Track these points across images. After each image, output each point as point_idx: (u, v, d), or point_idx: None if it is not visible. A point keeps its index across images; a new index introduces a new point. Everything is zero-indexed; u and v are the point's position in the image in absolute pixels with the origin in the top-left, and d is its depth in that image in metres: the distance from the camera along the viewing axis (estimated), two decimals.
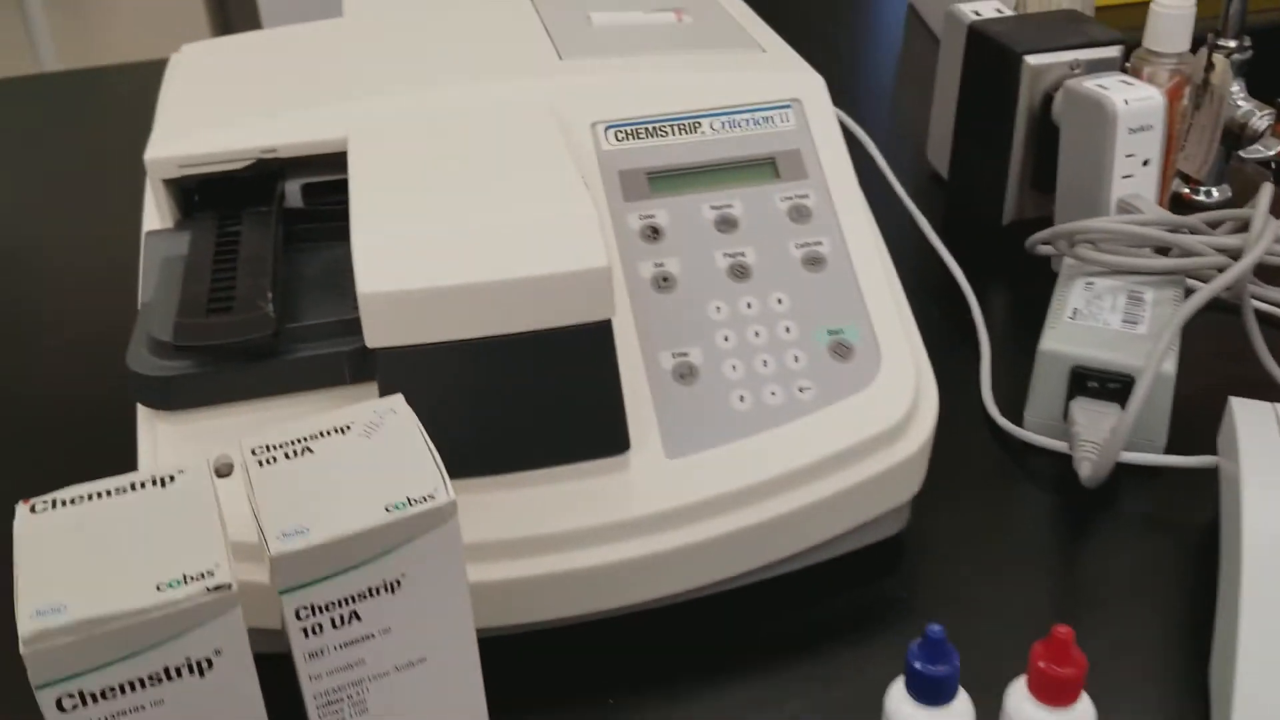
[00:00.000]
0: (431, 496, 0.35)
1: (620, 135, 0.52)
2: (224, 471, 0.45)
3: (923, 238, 0.73)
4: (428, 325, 0.43)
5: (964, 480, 0.58)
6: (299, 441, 0.37)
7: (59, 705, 0.31)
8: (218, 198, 0.53)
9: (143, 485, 0.35)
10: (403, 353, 0.43)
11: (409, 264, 0.43)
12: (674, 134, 0.52)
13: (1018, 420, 0.60)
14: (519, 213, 0.44)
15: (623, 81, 0.54)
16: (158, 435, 0.46)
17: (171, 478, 0.35)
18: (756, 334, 0.49)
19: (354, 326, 0.46)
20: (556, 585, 0.45)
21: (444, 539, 0.35)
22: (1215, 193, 0.79)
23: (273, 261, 0.49)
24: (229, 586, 0.32)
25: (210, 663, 0.33)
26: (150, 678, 0.32)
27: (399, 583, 0.35)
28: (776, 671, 0.48)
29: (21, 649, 0.30)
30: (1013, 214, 0.73)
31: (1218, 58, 0.75)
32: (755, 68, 0.55)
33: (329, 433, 0.38)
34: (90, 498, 0.35)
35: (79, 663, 0.31)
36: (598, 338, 0.44)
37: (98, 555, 0.33)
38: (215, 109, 0.54)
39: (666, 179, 0.52)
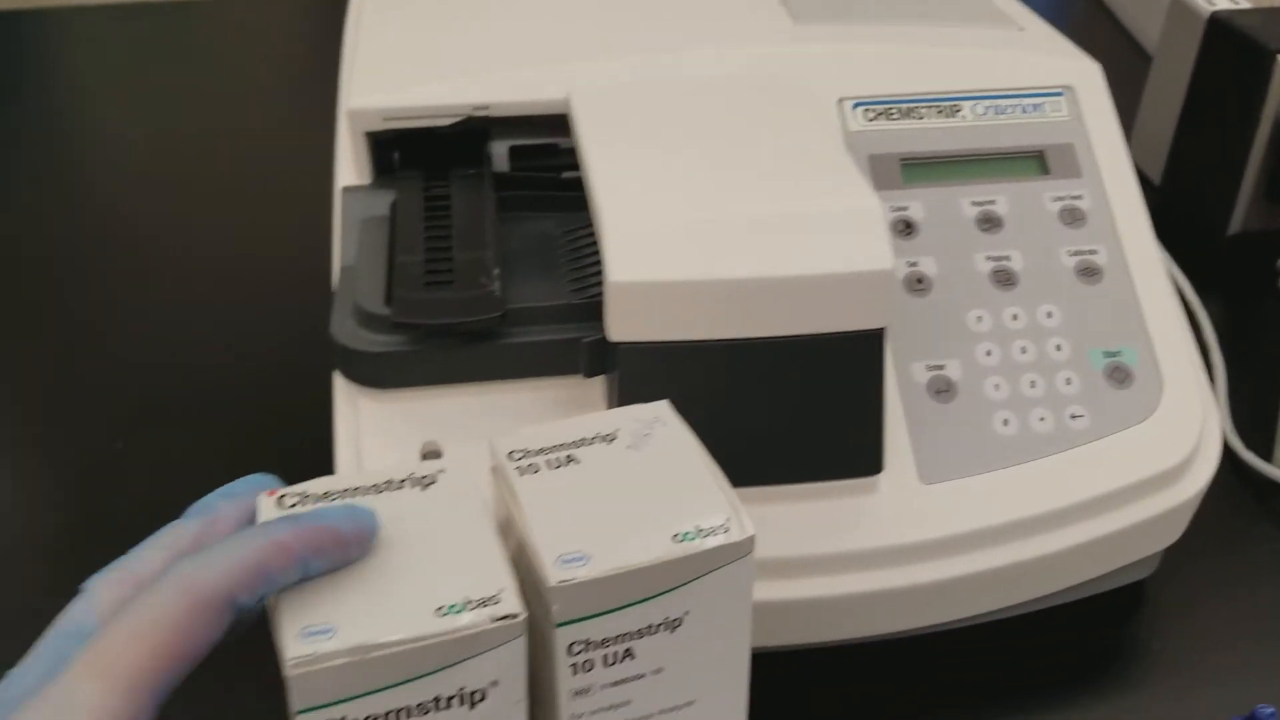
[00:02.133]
0: (725, 528, 0.30)
1: (871, 114, 0.47)
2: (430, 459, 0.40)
3: None
4: (680, 322, 0.38)
5: (1205, 520, 0.52)
6: (560, 448, 0.33)
7: None
8: (417, 156, 0.49)
9: (400, 484, 0.31)
10: (648, 349, 0.38)
11: (665, 253, 0.38)
12: (931, 116, 0.47)
13: (1265, 455, 0.54)
14: (790, 201, 0.39)
15: (872, 53, 0.48)
16: (359, 412, 0.42)
17: (432, 479, 0.31)
18: (1023, 350, 0.44)
19: (584, 312, 0.41)
20: (795, 612, 0.41)
21: (736, 577, 0.31)
22: None
23: (491, 233, 0.44)
24: (515, 616, 0.28)
25: (484, 695, 0.28)
26: (419, 706, 0.28)
27: (680, 621, 0.31)
28: (1018, 715, 0.44)
29: (287, 671, 0.26)
30: (1239, 225, 0.66)
31: None
32: (1020, 48, 0.49)
33: (592, 440, 0.33)
34: (343, 493, 0.30)
35: (345, 688, 0.27)
36: (868, 348, 0.39)
37: (366, 567, 0.29)
38: (421, 59, 0.49)
39: (922, 167, 0.46)
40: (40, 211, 0.74)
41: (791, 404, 0.39)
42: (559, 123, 0.46)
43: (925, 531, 0.41)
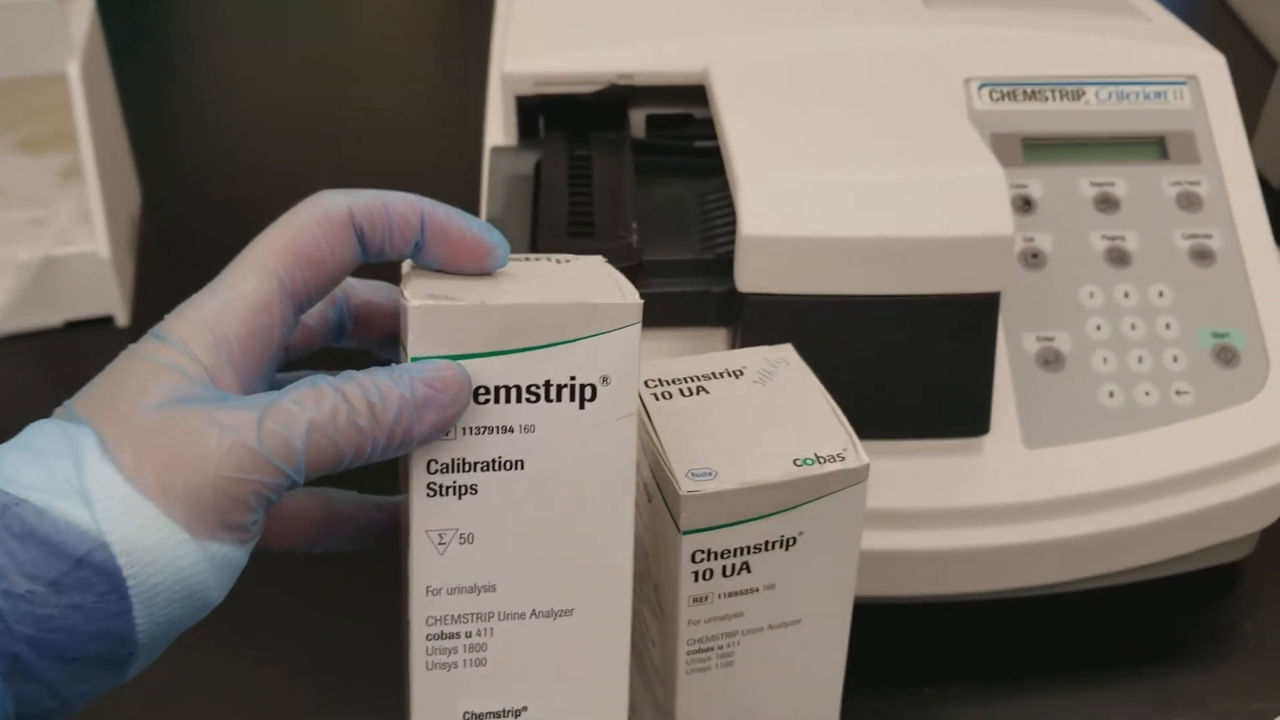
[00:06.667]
0: (841, 456, 0.33)
1: (996, 95, 0.49)
2: None
3: None
4: (806, 276, 0.41)
5: None
6: (693, 379, 0.36)
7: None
8: (561, 120, 0.52)
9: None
10: (774, 301, 0.41)
11: (795, 210, 0.40)
12: (1054, 99, 0.49)
13: None
14: (915, 167, 0.41)
15: (999, 36, 0.50)
16: None
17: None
18: (1133, 326, 0.45)
19: (712, 267, 0.44)
20: (896, 563, 0.43)
21: (849, 502, 0.33)
22: None
23: (629, 192, 0.47)
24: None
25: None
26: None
27: (795, 540, 0.34)
28: (1106, 687, 0.45)
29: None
30: None
31: None
32: (1146, 37, 0.51)
33: (722, 375, 0.36)
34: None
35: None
36: (984, 311, 0.41)
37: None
38: (570, 28, 0.53)
39: (1043, 148, 0.48)
40: (181, 158, 0.79)
41: (906, 361, 0.42)
42: (695, 93, 0.49)
43: (1026, 493, 0.43)
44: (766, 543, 0.33)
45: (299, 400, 0.27)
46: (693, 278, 0.44)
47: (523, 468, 0.30)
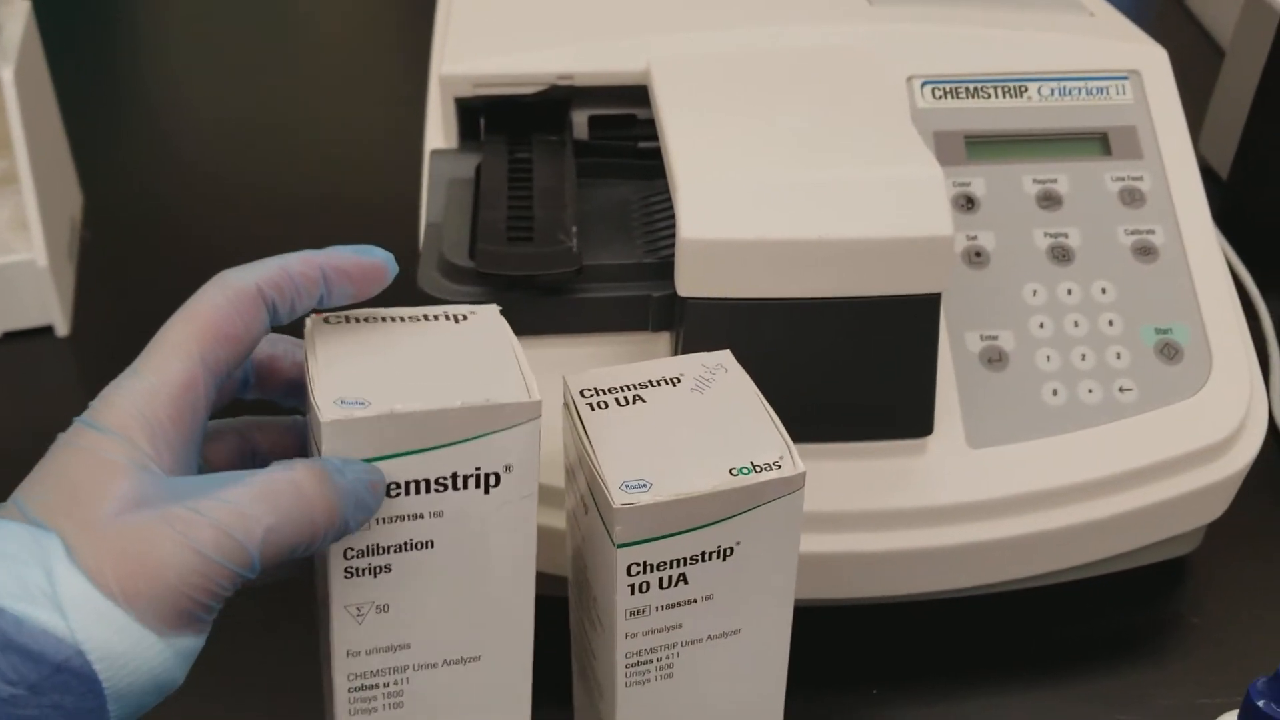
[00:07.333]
0: (778, 464, 0.33)
1: (939, 93, 0.49)
2: None
3: None
4: (747, 279, 0.40)
5: (1252, 502, 0.53)
6: (630, 388, 0.35)
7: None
8: (501, 122, 0.52)
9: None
10: (714, 305, 0.41)
11: (735, 213, 0.40)
12: (997, 96, 0.49)
13: None
14: (855, 168, 0.41)
15: (942, 34, 0.50)
16: None
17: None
18: (1076, 324, 0.45)
19: (654, 271, 0.44)
20: (843, 566, 0.43)
21: (786, 510, 0.33)
22: None
23: (570, 195, 0.47)
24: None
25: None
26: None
27: (732, 550, 0.33)
28: (1054, 684, 0.45)
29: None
30: None
31: None
32: (1088, 32, 0.51)
33: (658, 383, 0.36)
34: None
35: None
36: (924, 312, 0.41)
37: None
38: (509, 29, 0.52)
39: (986, 145, 0.48)
40: (125, 164, 0.78)
41: (847, 364, 0.41)
42: (637, 94, 0.49)
43: (970, 493, 0.43)
44: (703, 553, 0.33)
45: (257, 500, 0.28)
46: (633, 282, 0.44)
47: (432, 546, 0.32)
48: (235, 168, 0.79)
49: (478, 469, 0.31)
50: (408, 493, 0.31)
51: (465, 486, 0.31)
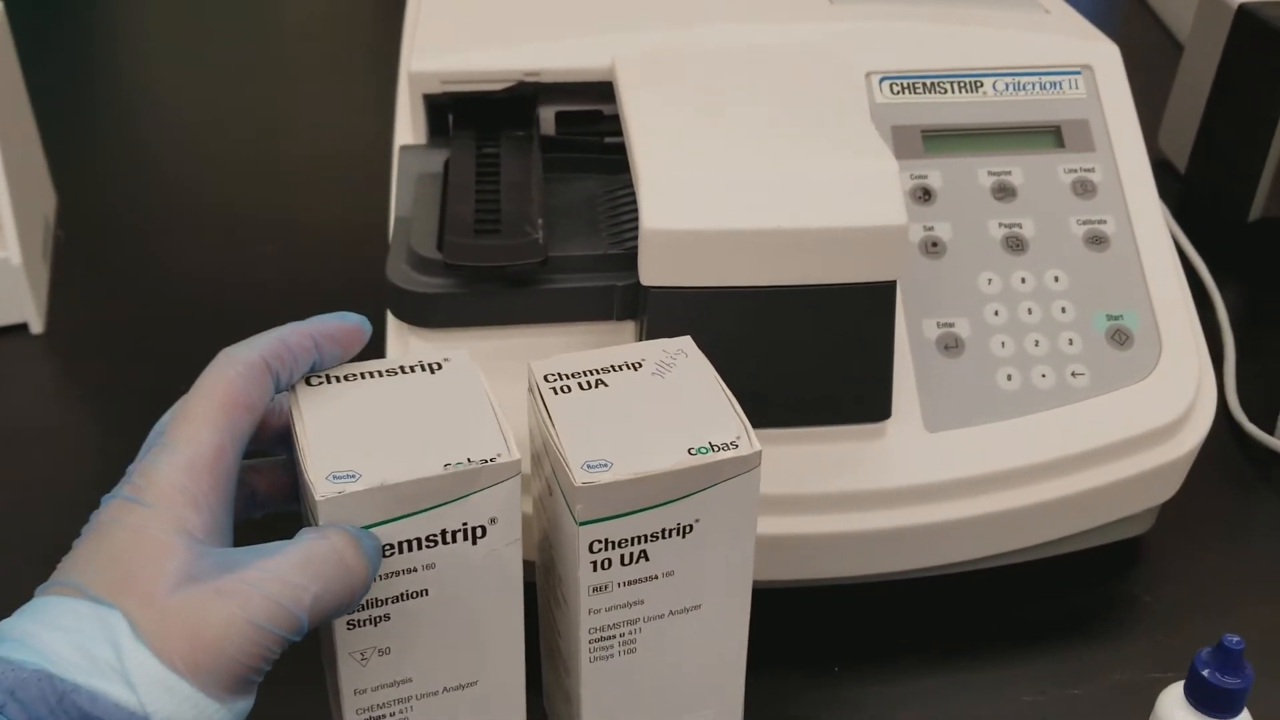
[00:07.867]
0: (735, 444, 0.34)
1: (897, 88, 0.50)
2: None
3: None
4: (707, 268, 0.41)
5: (1206, 486, 0.54)
6: (592, 373, 0.36)
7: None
8: (470, 118, 0.52)
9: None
10: (677, 294, 0.42)
11: (696, 204, 0.41)
12: (953, 92, 0.50)
13: (1268, 428, 0.56)
14: (813, 161, 0.42)
15: (899, 31, 0.51)
16: (410, 351, 0.46)
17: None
18: (1029, 311, 0.46)
19: (619, 262, 0.45)
20: (803, 547, 0.44)
21: (743, 488, 0.34)
22: None
23: (536, 188, 0.48)
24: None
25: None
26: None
27: (691, 527, 0.34)
28: (1010, 662, 0.46)
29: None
30: (1260, 211, 0.68)
31: None
32: (1042, 29, 0.52)
33: (620, 367, 0.37)
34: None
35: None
36: (880, 299, 0.42)
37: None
38: (477, 27, 0.53)
39: (942, 139, 0.49)
40: (99, 164, 0.79)
41: (806, 350, 0.43)
42: (603, 90, 0.50)
43: (927, 475, 0.44)
44: (664, 530, 0.34)
45: (300, 569, 0.30)
46: (598, 272, 0.45)
47: (427, 595, 0.34)
48: (208, 168, 0.79)
49: (465, 524, 0.33)
50: (401, 551, 0.33)
51: (454, 540, 0.33)
